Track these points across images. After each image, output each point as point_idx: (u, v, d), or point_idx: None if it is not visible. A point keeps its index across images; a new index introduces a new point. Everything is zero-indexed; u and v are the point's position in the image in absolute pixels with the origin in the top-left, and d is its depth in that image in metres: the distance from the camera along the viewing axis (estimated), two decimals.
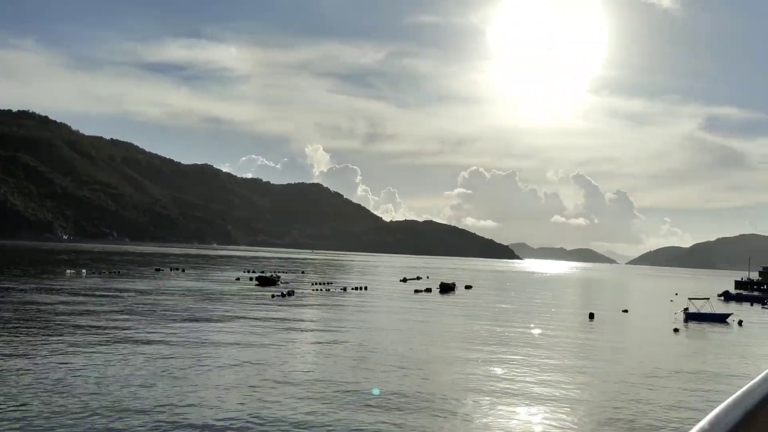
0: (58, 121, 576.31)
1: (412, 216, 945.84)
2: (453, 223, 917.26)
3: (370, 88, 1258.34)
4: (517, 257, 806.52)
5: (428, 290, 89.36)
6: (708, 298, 70.85)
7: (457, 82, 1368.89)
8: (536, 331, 48.19)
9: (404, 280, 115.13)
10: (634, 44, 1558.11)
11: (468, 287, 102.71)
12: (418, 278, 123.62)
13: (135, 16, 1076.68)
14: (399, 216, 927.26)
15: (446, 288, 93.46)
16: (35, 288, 62.06)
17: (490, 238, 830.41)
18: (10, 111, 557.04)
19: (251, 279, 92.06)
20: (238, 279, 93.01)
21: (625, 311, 71.32)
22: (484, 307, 69.11)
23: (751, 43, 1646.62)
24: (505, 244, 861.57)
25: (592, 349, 40.83)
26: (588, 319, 59.66)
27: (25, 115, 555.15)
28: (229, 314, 48.80)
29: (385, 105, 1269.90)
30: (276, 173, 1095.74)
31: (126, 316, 44.11)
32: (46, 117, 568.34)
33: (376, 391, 24.68)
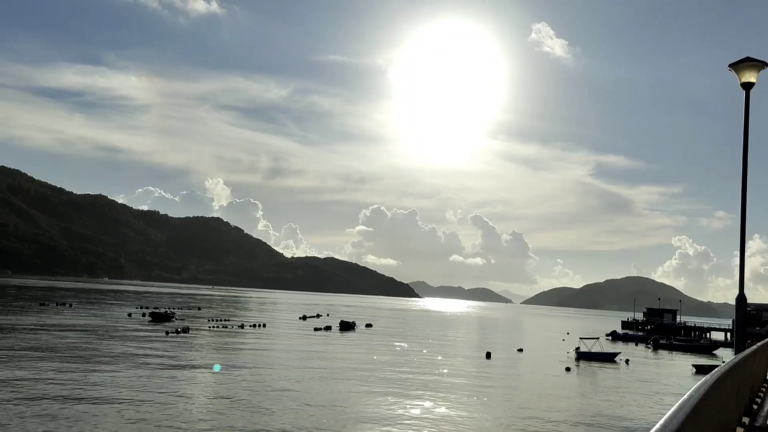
0: None
1: (313, 252, 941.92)
2: (354, 261, 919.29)
3: (273, 123, 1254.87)
4: (417, 295, 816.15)
5: (328, 328, 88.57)
6: (598, 338, 74.01)
7: (361, 121, 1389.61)
8: (435, 370, 48.58)
9: (304, 317, 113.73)
10: (530, 91, 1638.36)
11: (368, 325, 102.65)
12: (318, 316, 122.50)
13: (27, 39, 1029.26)
14: (300, 252, 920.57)
15: (346, 326, 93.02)
16: None
17: (390, 276, 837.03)
18: None
19: (144, 315, 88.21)
20: (129, 315, 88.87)
21: (520, 350, 73.21)
22: (384, 345, 69.15)
23: (637, 94, 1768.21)
24: (406, 282, 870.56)
25: (488, 387, 41.53)
26: (485, 358, 60.79)
27: None
28: (118, 352, 46.35)
29: (289, 140, 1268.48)
30: (174, 206, 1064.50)
31: (1, 355, 40.99)
32: None
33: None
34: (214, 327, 77.83)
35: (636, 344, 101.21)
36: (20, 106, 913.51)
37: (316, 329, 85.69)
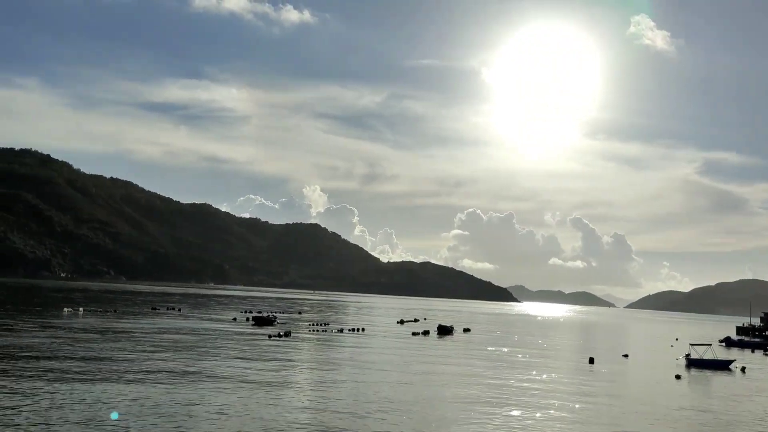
0: (60, 159, 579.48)
1: (409, 257, 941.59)
2: (450, 265, 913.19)
3: (368, 130, 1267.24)
4: (515, 300, 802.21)
5: (426, 333, 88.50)
6: (710, 344, 70.15)
7: (456, 125, 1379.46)
8: (536, 375, 47.56)
9: (401, 322, 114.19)
10: (630, 87, 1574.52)
11: (466, 330, 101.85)
12: (416, 320, 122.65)
13: (135, 57, 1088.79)
14: (396, 257, 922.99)
15: (444, 330, 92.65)
16: (34, 326, 61.39)
17: (487, 280, 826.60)
18: (12, 149, 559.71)
19: (248, 319, 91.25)
20: (234, 319, 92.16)
21: (626, 356, 70.53)
22: (483, 350, 68.38)
23: (747, 87, 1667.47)
24: (503, 286, 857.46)
25: (592, 394, 40.21)
26: (588, 364, 58.97)
27: (26, 154, 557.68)
28: (225, 354, 48.15)
29: (384, 146, 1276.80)
30: (274, 213, 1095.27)
31: (121, 355, 43.49)
32: (47, 155, 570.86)
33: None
34: (314, 331, 79.46)
35: (753, 351, 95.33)
36: (131, 121, 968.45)
37: (413, 334, 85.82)
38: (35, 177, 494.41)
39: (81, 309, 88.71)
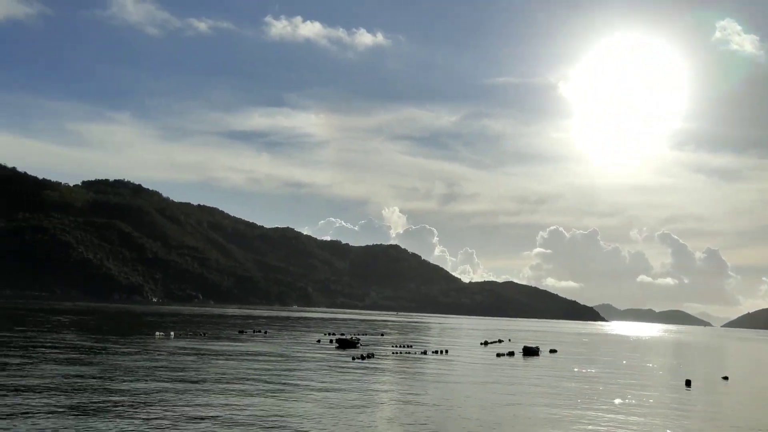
0: (150, 189, 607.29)
1: (490, 277, 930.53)
2: (533, 284, 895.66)
3: (446, 150, 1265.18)
4: (603, 319, 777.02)
5: (511, 354, 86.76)
6: None
7: (535, 141, 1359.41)
8: (629, 398, 45.64)
9: (485, 343, 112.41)
10: (718, 95, 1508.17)
11: (553, 351, 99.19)
12: (500, 341, 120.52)
13: (220, 87, 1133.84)
14: (477, 277, 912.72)
15: (530, 352, 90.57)
16: (130, 349, 63.98)
17: (573, 299, 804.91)
18: (107, 180, 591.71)
19: (331, 341, 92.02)
20: (318, 341, 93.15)
21: (725, 378, 66.82)
22: (572, 371, 66.32)
23: None
24: (589, 305, 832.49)
25: (691, 418, 38.20)
26: (684, 386, 56.20)
27: (120, 184, 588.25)
28: (310, 376, 48.62)
29: (462, 165, 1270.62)
30: (354, 235, 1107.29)
31: (211, 376, 44.60)
32: (139, 185, 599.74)
33: None
34: (397, 353, 79.25)
35: None
36: (216, 150, 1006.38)
37: (498, 355, 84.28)
38: (128, 206, 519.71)
39: (172, 333, 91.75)
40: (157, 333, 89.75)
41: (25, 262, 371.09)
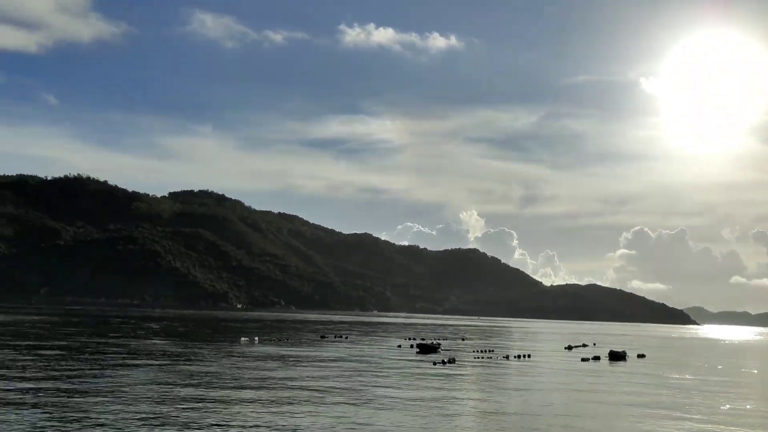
0: (233, 198, 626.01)
1: (573, 279, 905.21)
2: (618, 287, 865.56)
3: (524, 152, 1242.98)
4: (694, 322, 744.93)
5: (596, 358, 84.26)
6: None
7: (617, 140, 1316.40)
8: (728, 408, 43.35)
9: (569, 347, 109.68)
10: None
11: (641, 356, 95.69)
12: (584, 345, 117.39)
13: (297, 97, 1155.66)
14: (559, 280, 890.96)
15: (616, 356, 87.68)
16: (217, 354, 65.86)
17: (661, 301, 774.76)
18: (192, 191, 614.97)
19: (412, 346, 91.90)
20: (399, 346, 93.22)
21: None
22: (663, 377, 63.73)
23: None
24: (679, 308, 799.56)
25: None
26: None
27: (204, 194, 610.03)
28: (392, 381, 48.62)
29: (541, 167, 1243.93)
30: (432, 240, 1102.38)
31: (296, 380, 45.28)
32: (222, 195, 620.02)
33: None
34: (479, 357, 78.35)
35: None
36: (295, 158, 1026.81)
37: (583, 360, 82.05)
38: (212, 216, 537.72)
39: (256, 338, 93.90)
40: (242, 339, 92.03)
41: (117, 272, 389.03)
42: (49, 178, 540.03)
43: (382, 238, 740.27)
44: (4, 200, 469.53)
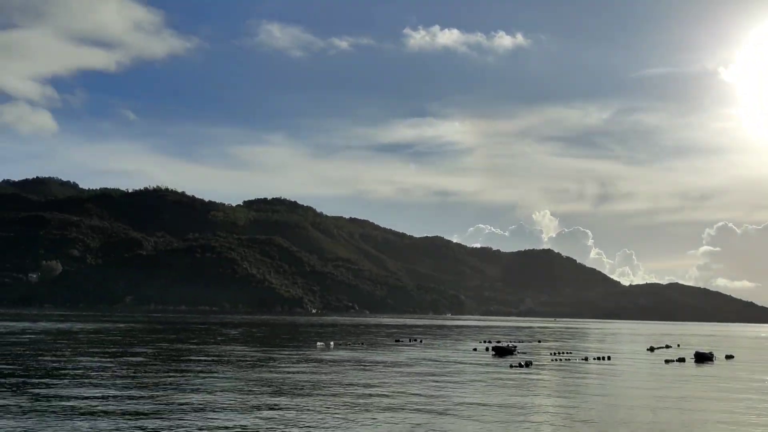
0: (305, 204, 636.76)
1: (653, 279, 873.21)
2: (701, 285, 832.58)
3: (597, 148, 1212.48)
4: None
5: (681, 360, 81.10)
6: None
7: (695, 133, 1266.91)
8: None
9: (651, 349, 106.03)
10: None
11: (729, 357, 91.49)
12: (667, 347, 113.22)
13: (365, 102, 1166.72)
14: (638, 279, 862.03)
15: (703, 358, 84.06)
16: (294, 359, 66.90)
17: (749, 300, 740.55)
18: (265, 199, 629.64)
19: (487, 349, 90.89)
20: (474, 349, 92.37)
21: None
22: (754, 381, 60.67)
23: None
24: None
25: None
26: None
27: (277, 202, 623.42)
28: (469, 384, 48.11)
29: (616, 164, 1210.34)
30: (504, 241, 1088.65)
31: (374, 388, 45.41)
32: (294, 202, 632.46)
33: None
34: (556, 360, 76.70)
35: None
36: (365, 163, 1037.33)
37: (667, 361, 79.10)
38: (286, 222, 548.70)
39: (332, 343, 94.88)
40: (318, 343, 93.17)
41: (196, 279, 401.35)
42: (130, 191, 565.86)
43: (454, 241, 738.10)
44: (89, 213, 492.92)
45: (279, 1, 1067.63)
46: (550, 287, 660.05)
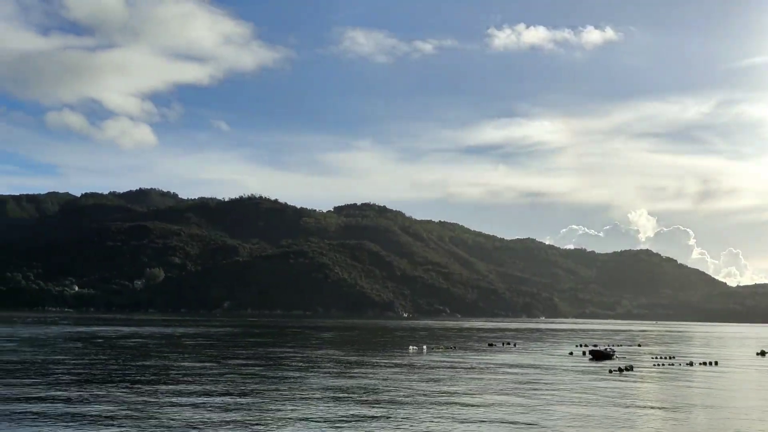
0: (394, 209, 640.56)
1: (762, 279, 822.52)
2: None
3: (697, 143, 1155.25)
4: None
5: None
6: None
7: None
8: None
9: (762, 353, 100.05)
10: None
11: None
12: None
13: (452, 105, 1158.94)
14: (746, 280, 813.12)
15: None
16: (388, 363, 67.36)
17: None
18: (355, 204, 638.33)
19: (584, 353, 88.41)
20: (570, 353, 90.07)
21: None
22: None
23: None
24: None
25: None
26: None
27: (367, 207, 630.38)
28: (566, 390, 46.91)
29: (718, 159, 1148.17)
30: (599, 242, 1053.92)
31: (473, 395, 45.07)
32: (383, 207, 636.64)
33: None
34: (658, 365, 73.63)
35: None
36: (454, 166, 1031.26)
37: None
38: (375, 227, 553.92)
39: (424, 347, 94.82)
40: (411, 347, 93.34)
41: (290, 284, 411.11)
42: (226, 200, 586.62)
43: (546, 243, 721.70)
44: (189, 222, 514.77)
45: (362, 8, 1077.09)
46: (650, 289, 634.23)
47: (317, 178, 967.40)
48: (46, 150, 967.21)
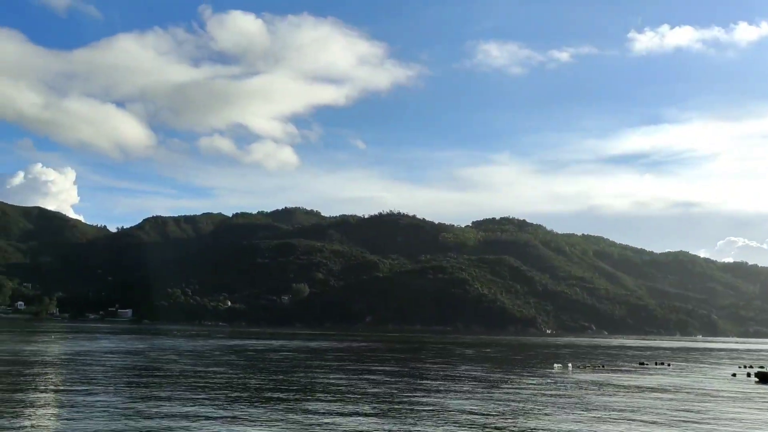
0: (534, 222, 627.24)
1: None
2: None
3: None
4: None
5: None
6: None
7: None
8: None
9: None
10: None
11: None
12: None
13: (592, 114, 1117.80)
14: None
15: None
16: (532, 381, 65.57)
17: None
18: (493, 218, 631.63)
19: (749, 375, 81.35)
20: (733, 375, 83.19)
21: None
22: None
23: None
24: None
25: None
26: None
27: (506, 221, 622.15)
28: (737, 423, 43.21)
29: None
30: (762, 254, 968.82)
31: (623, 414, 42.81)
32: (523, 220, 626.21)
33: None
34: None
35: None
36: (596, 177, 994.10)
37: None
38: (515, 242, 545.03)
39: (570, 365, 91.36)
40: (556, 365, 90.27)
41: (429, 299, 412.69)
42: (366, 216, 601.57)
43: (701, 256, 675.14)
44: (331, 238, 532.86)
45: (494, 21, 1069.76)
46: None
47: (455, 193, 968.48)
48: (201, 174, 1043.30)
